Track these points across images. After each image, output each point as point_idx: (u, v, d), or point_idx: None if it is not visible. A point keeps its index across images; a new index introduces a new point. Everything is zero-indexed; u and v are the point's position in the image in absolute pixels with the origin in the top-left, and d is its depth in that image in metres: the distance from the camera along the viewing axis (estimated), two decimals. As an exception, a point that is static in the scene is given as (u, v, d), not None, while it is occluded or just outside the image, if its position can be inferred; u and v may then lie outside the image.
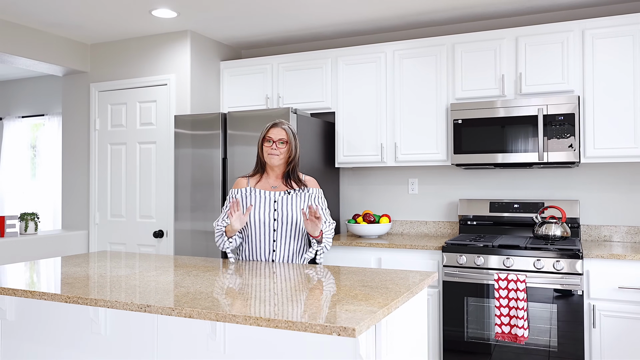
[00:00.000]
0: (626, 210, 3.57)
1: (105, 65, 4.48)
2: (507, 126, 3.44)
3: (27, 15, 3.80)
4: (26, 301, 2.42)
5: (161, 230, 4.18)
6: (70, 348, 2.31)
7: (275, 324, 1.56)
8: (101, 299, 1.84)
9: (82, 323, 2.28)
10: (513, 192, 3.84)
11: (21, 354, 2.42)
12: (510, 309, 3.09)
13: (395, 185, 4.21)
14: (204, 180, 3.80)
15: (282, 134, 2.60)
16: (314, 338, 1.83)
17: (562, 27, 3.41)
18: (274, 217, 2.60)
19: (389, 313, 1.72)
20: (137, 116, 4.33)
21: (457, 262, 3.31)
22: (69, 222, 4.62)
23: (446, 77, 3.71)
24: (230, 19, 3.90)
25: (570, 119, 3.29)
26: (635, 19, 3.24)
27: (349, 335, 1.46)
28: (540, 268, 3.10)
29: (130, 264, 2.60)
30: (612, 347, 2.99)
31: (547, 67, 3.44)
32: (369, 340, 1.72)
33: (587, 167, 3.67)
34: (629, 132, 3.25)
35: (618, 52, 3.28)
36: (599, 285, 3.02)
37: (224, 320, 1.63)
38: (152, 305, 1.75)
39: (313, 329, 1.51)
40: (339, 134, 4.02)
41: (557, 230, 3.35)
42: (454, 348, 3.30)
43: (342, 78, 4.01)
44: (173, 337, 2.07)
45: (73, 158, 4.63)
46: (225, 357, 1.98)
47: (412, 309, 2.07)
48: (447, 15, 3.86)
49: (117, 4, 3.60)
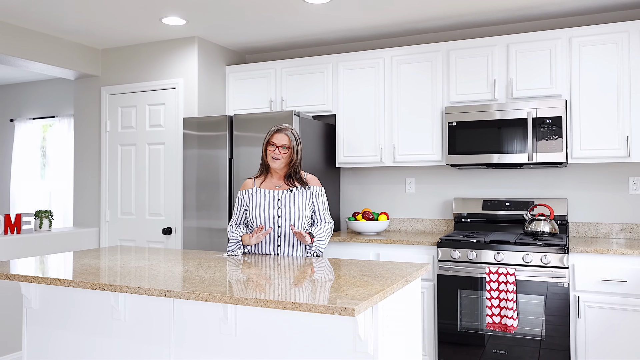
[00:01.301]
0: (612, 208, 3.76)
1: (115, 69, 4.68)
2: (498, 128, 3.64)
3: (42, 22, 4.00)
4: (50, 290, 2.62)
5: (170, 228, 4.38)
6: (92, 334, 2.50)
7: (283, 306, 1.75)
8: (125, 285, 2.04)
9: (104, 310, 2.47)
10: (505, 191, 4.04)
11: (45, 340, 2.62)
12: (501, 301, 3.28)
13: (393, 184, 4.41)
14: (210, 180, 4.00)
15: (285, 140, 2.80)
16: (316, 321, 2.03)
17: (550, 35, 3.61)
18: (278, 214, 2.80)
19: (385, 297, 1.91)
20: (146, 118, 4.52)
21: (450, 256, 3.51)
22: (81, 220, 4.82)
23: (441, 82, 3.90)
24: (236, 26, 4.10)
25: (558, 121, 3.48)
26: (619, 27, 3.44)
27: (349, 314, 1.65)
28: (529, 262, 3.30)
29: (144, 257, 2.79)
30: (596, 336, 3.19)
31: (537, 72, 3.64)
32: (366, 322, 1.91)
33: (574, 167, 3.87)
34: (613, 134, 3.45)
35: (603, 59, 3.48)
36: (584, 278, 3.22)
37: (237, 302, 1.82)
38: (172, 290, 1.95)
39: (317, 309, 1.70)
40: (339, 135, 4.22)
41: (546, 226, 3.54)
42: (448, 339, 3.50)
43: (343, 82, 4.20)
44: (188, 322, 2.27)
45: (85, 158, 4.83)
46: (236, 340, 2.17)
47: (407, 296, 2.26)
48: (443, 23, 4.06)
49: (129, 13, 3.80)
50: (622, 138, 3.43)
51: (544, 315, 3.27)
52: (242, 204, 2.87)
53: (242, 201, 2.87)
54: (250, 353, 2.14)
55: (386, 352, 1.99)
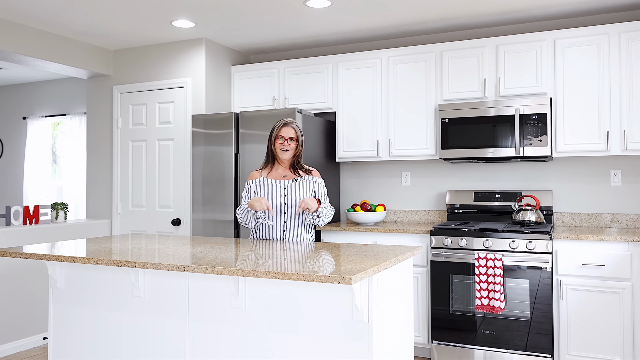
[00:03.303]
0: (595, 199, 4.01)
1: (127, 69, 4.94)
2: (488, 124, 3.88)
3: (58, 25, 4.25)
4: (74, 271, 2.87)
5: (178, 219, 4.63)
6: (113, 310, 2.75)
7: (289, 277, 2.00)
8: (147, 262, 2.29)
9: (124, 288, 2.72)
10: (494, 184, 4.29)
11: (70, 317, 2.87)
12: (489, 284, 3.53)
13: (390, 178, 4.66)
14: (217, 173, 4.25)
15: (292, 133, 3.06)
16: (318, 294, 2.28)
17: (536, 37, 3.85)
18: (285, 202, 3.05)
19: (379, 272, 2.16)
20: (156, 116, 4.78)
21: (443, 244, 3.76)
22: (94, 212, 5.08)
23: (435, 81, 4.15)
24: (241, 28, 4.35)
25: (544, 118, 3.73)
26: (600, 30, 3.69)
27: (346, 282, 1.90)
28: (515, 248, 3.55)
29: (155, 242, 3.04)
30: (577, 315, 3.44)
31: (524, 72, 3.89)
32: (362, 293, 2.16)
33: (560, 161, 4.11)
34: (594, 129, 3.70)
35: (585, 59, 3.73)
36: (566, 262, 3.47)
37: (248, 275, 2.07)
38: (190, 265, 2.20)
39: (319, 279, 1.95)
40: (339, 131, 4.47)
41: (532, 216, 3.79)
42: (441, 321, 3.75)
43: (342, 81, 4.45)
44: (202, 298, 2.52)
45: (97, 153, 5.08)
46: (246, 312, 2.42)
47: (400, 273, 2.51)
48: (436, 26, 4.31)
49: (141, 16, 4.05)
50: (602, 133, 3.68)
51: (530, 298, 3.52)
52: (250, 193, 3.12)
53: (250, 190, 3.12)
54: (258, 324, 2.39)
55: (380, 320, 2.24)
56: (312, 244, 2.87)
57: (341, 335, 2.23)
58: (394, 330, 2.42)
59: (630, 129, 3.61)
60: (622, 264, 3.34)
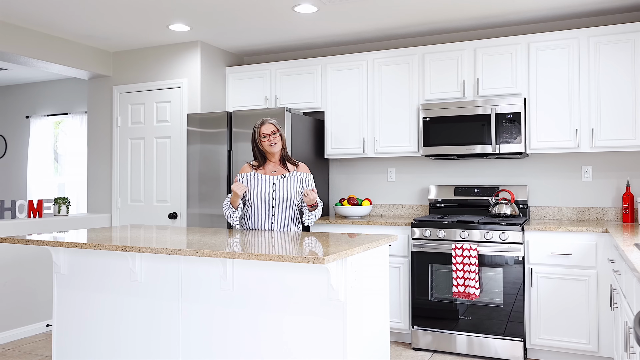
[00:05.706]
0: (566, 194, 4.25)
1: (126, 70, 5.17)
2: (466, 123, 4.12)
3: (61, 28, 4.49)
4: (76, 258, 3.11)
5: (175, 213, 4.87)
6: (113, 293, 2.99)
7: (269, 258, 2.24)
8: (144, 246, 2.53)
9: (123, 272, 2.96)
10: (474, 179, 4.53)
11: (73, 301, 3.11)
12: (465, 272, 3.77)
13: (376, 174, 4.90)
14: (212, 169, 4.49)
15: (272, 128, 3.29)
16: (299, 277, 2.51)
17: (511, 41, 4.09)
18: (273, 196, 3.28)
19: (352, 254, 2.40)
20: (154, 115, 5.02)
21: (423, 235, 4.00)
22: (94, 206, 5.31)
23: (417, 82, 4.39)
24: (235, 32, 4.59)
25: (518, 117, 3.97)
26: (570, 34, 3.93)
27: (320, 262, 2.14)
28: (490, 239, 3.79)
29: (152, 231, 3.28)
30: (546, 301, 3.67)
31: (500, 73, 4.12)
32: (337, 274, 2.40)
33: (534, 158, 4.35)
34: (565, 127, 3.94)
35: (556, 62, 3.97)
36: (537, 252, 3.71)
37: (234, 257, 2.31)
38: (182, 249, 2.43)
39: (295, 259, 2.19)
40: (327, 129, 4.70)
41: (507, 209, 4.03)
42: (421, 309, 3.99)
43: (330, 82, 4.69)
44: (193, 281, 2.76)
45: (97, 151, 5.32)
46: (233, 293, 2.66)
47: (375, 260, 2.74)
48: (418, 30, 4.54)
49: (140, 20, 4.29)
50: (572, 131, 3.92)
51: (503, 285, 3.75)
52: (239, 184, 3.35)
53: (240, 182, 3.35)
54: (245, 304, 2.63)
55: (355, 300, 2.48)
56: (298, 233, 3.11)
57: (320, 312, 2.47)
58: (370, 311, 2.65)
59: (598, 127, 3.85)
60: (588, 253, 3.58)
